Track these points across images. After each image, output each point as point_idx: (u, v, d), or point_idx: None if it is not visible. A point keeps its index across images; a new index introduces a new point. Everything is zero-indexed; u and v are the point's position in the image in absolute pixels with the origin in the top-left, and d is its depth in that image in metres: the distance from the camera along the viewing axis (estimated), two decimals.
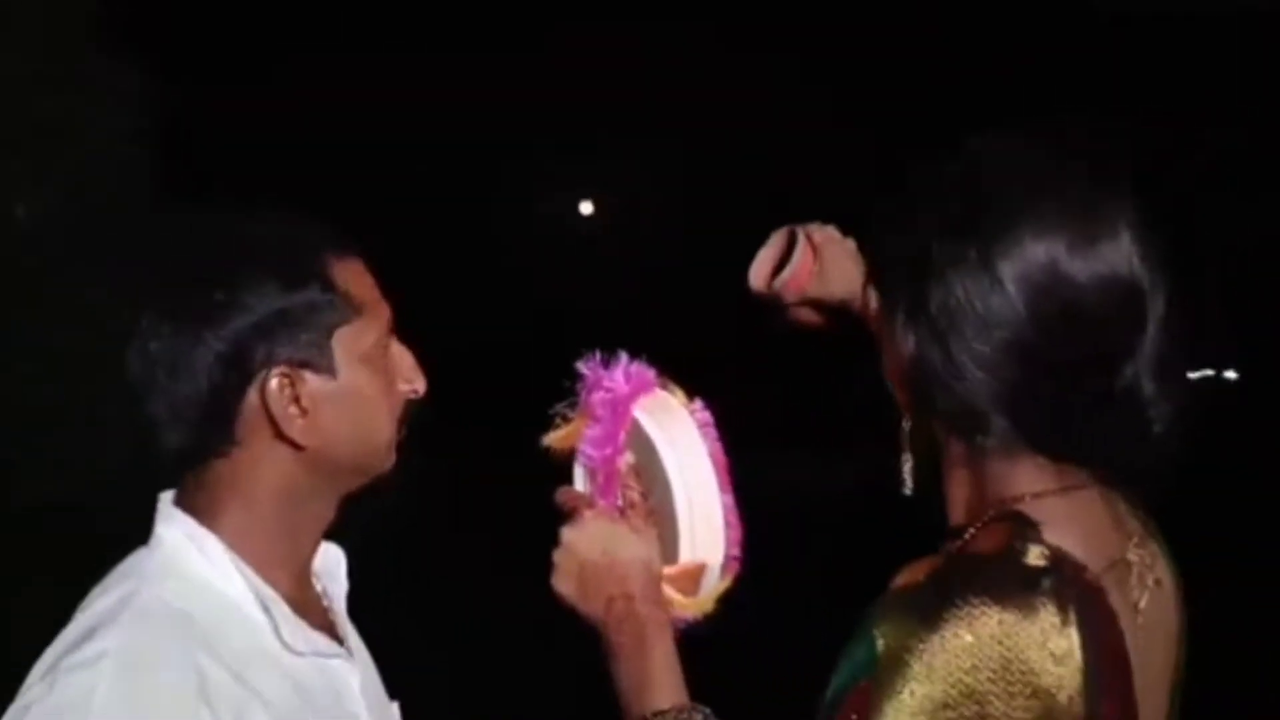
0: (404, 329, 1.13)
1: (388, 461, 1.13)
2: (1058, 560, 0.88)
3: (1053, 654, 0.84)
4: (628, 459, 1.12)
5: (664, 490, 1.12)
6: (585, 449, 1.11)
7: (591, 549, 1.07)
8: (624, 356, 1.12)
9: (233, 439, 1.04)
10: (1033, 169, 0.93)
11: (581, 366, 1.12)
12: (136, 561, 1.06)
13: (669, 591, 1.10)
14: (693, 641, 1.11)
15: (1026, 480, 0.94)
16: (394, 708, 1.22)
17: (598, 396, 1.11)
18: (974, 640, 0.83)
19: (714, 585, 1.14)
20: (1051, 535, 0.90)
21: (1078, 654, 0.84)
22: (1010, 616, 0.84)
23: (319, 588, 1.18)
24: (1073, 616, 0.85)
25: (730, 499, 1.14)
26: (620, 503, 1.11)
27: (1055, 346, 0.89)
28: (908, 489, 1.01)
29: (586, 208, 15.40)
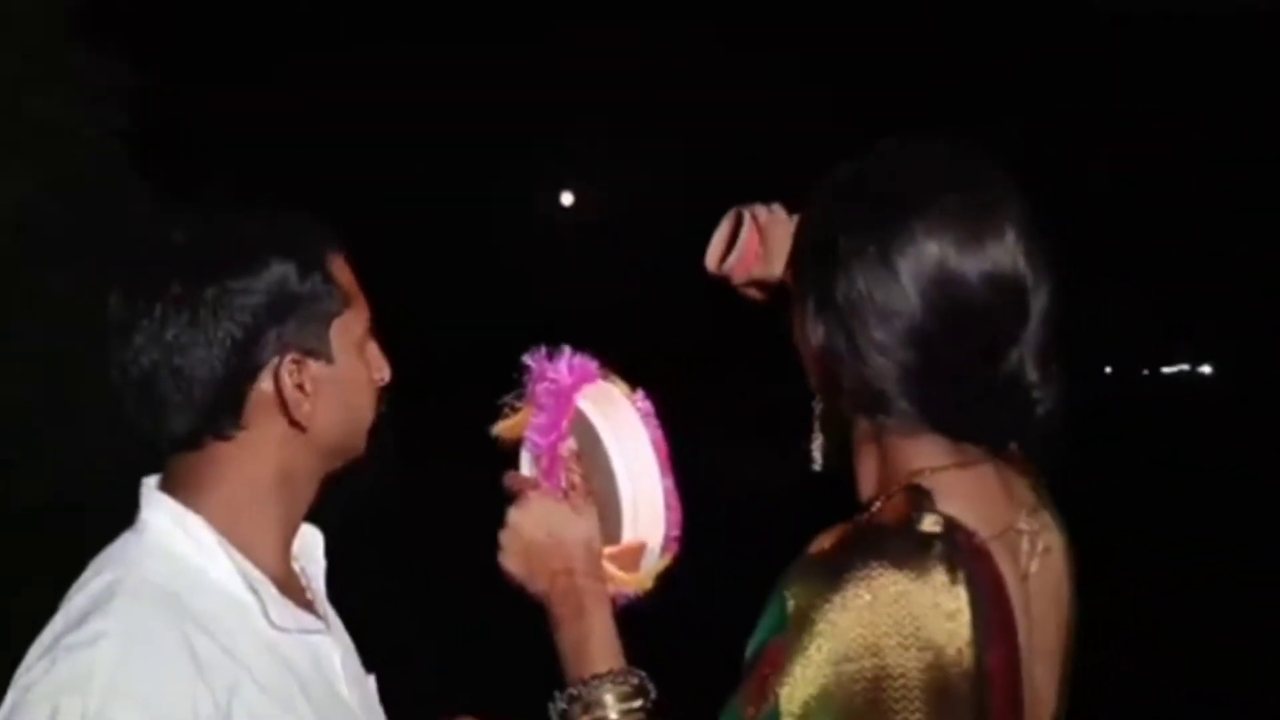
0: (398, 325, 1.20)
1: (363, 444, 1.19)
2: (950, 527, 0.97)
3: (943, 611, 0.93)
4: (570, 445, 1.19)
5: (607, 474, 1.19)
6: (530, 436, 1.19)
7: (536, 528, 1.15)
8: (567, 350, 1.20)
9: (239, 422, 1.08)
10: (930, 171, 1.03)
11: (528, 359, 1.20)
12: (124, 545, 1.09)
13: (610, 568, 1.18)
14: (635, 616, 1.18)
15: (926, 456, 1.03)
16: (370, 680, 1.26)
17: (542, 387, 1.19)
18: (872, 599, 0.92)
19: (654, 564, 1.22)
20: (946, 505, 0.99)
21: (966, 611, 0.93)
22: (905, 578, 0.93)
23: (297, 568, 1.21)
24: (961, 577, 0.94)
25: (670, 483, 1.21)
26: (563, 485, 1.18)
27: (946, 335, 0.99)
28: (817, 466, 1.12)
29: (567, 198, 15.38)
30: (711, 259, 1.30)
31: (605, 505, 1.20)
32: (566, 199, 15.76)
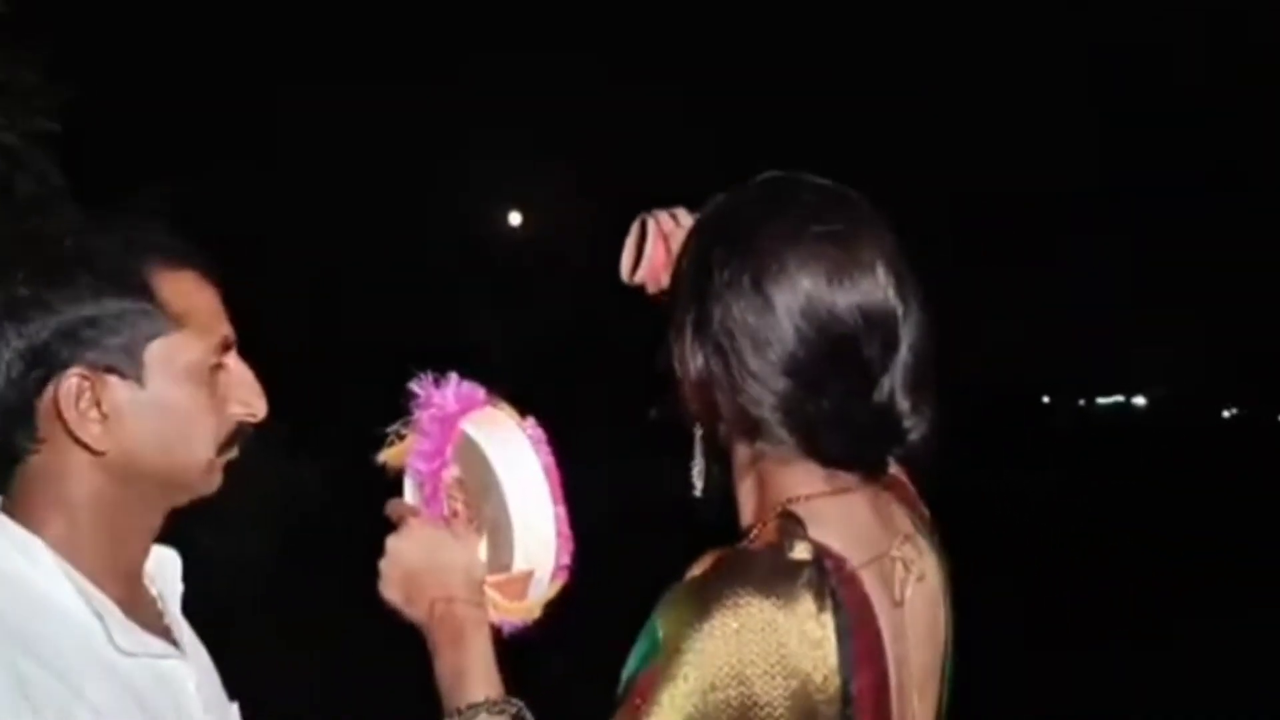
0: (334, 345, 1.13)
1: (207, 479, 1.11)
2: (820, 555, 0.98)
3: (809, 639, 0.94)
4: (453, 471, 1.18)
5: (496, 500, 1.18)
6: (413, 462, 1.17)
7: (415, 555, 1.14)
8: (454, 377, 1.19)
9: (36, 437, 1.04)
10: (802, 205, 1.05)
11: (414, 385, 1.18)
12: None
13: (495, 596, 1.16)
14: (518, 641, 1.18)
15: (801, 483, 1.05)
16: (234, 708, 1.22)
17: (427, 413, 1.17)
18: (739, 627, 0.93)
19: (542, 592, 1.20)
20: (817, 532, 1.00)
21: (832, 639, 0.95)
22: (771, 605, 0.94)
23: (153, 591, 1.17)
24: (829, 604, 0.95)
25: (561, 510, 1.21)
26: (445, 512, 1.16)
27: (819, 364, 1.01)
28: (697, 490, 1.12)
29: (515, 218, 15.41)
30: (624, 269, 1.29)
31: (493, 532, 1.19)
32: (515, 219, 15.75)
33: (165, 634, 1.14)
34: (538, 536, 1.18)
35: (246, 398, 1.12)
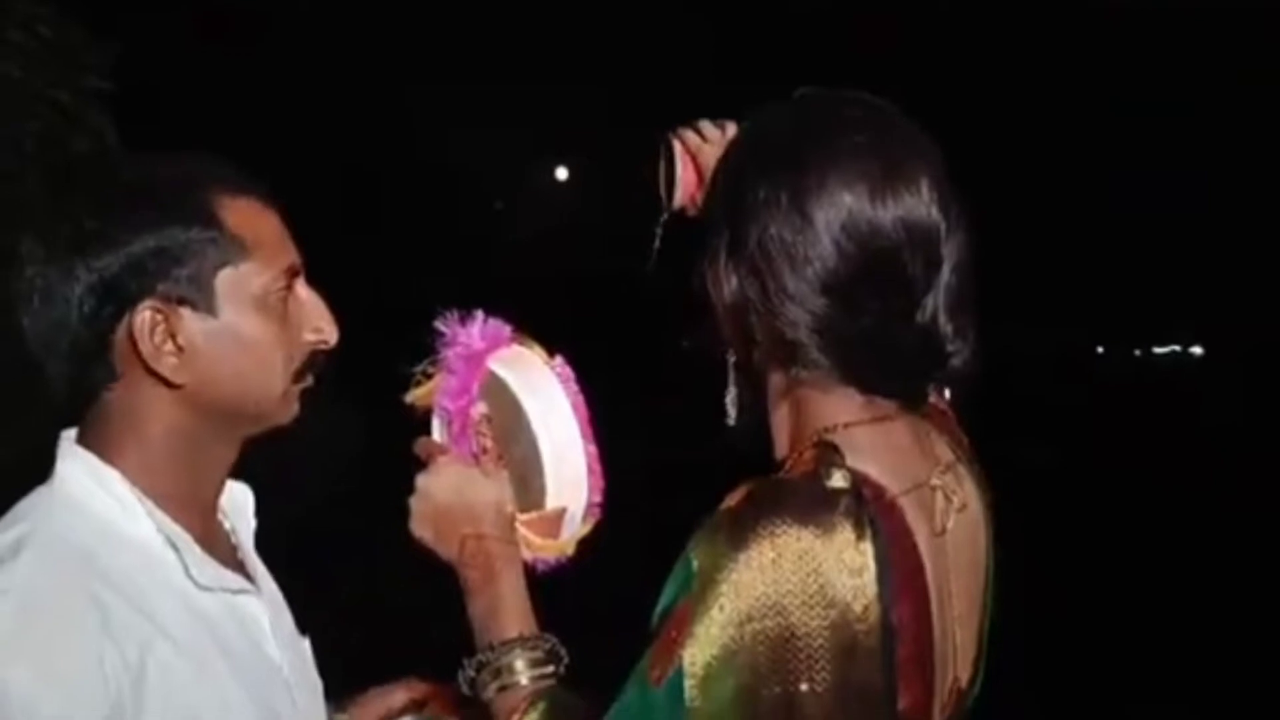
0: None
1: (283, 409, 1.11)
2: (858, 483, 0.96)
3: (848, 567, 0.92)
4: (480, 409, 1.18)
5: (526, 438, 1.18)
6: (441, 400, 1.17)
7: (445, 492, 1.14)
8: (480, 314, 1.18)
9: (112, 373, 1.04)
10: (844, 119, 1.02)
11: (440, 324, 1.17)
12: (36, 499, 1.05)
13: (527, 534, 1.17)
14: (552, 581, 1.18)
15: (839, 411, 1.02)
16: (304, 643, 1.23)
17: (453, 351, 1.17)
18: (776, 557, 0.91)
19: (575, 530, 1.21)
20: (855, 461, 0.98)
21: (872, 567, 0.92)
22: (809, 534, 0.92)
23: (226, 526, 1.18)
24: (868, 533, 0.93)
25: (593, 448, 1.21)
26: (474, 450, 1.17)
27: (860, 283, 0.98)
28: (731, 420, 1.09)
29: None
30: (662, 196, 1.27)
31: (524, 470, 1.19)
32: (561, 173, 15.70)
33: (239, 568, 1.14)
34: (569, 474, 1.19)
35: (318, 324, 1.11)
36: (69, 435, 1.08)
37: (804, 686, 0.91)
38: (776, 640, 0.91)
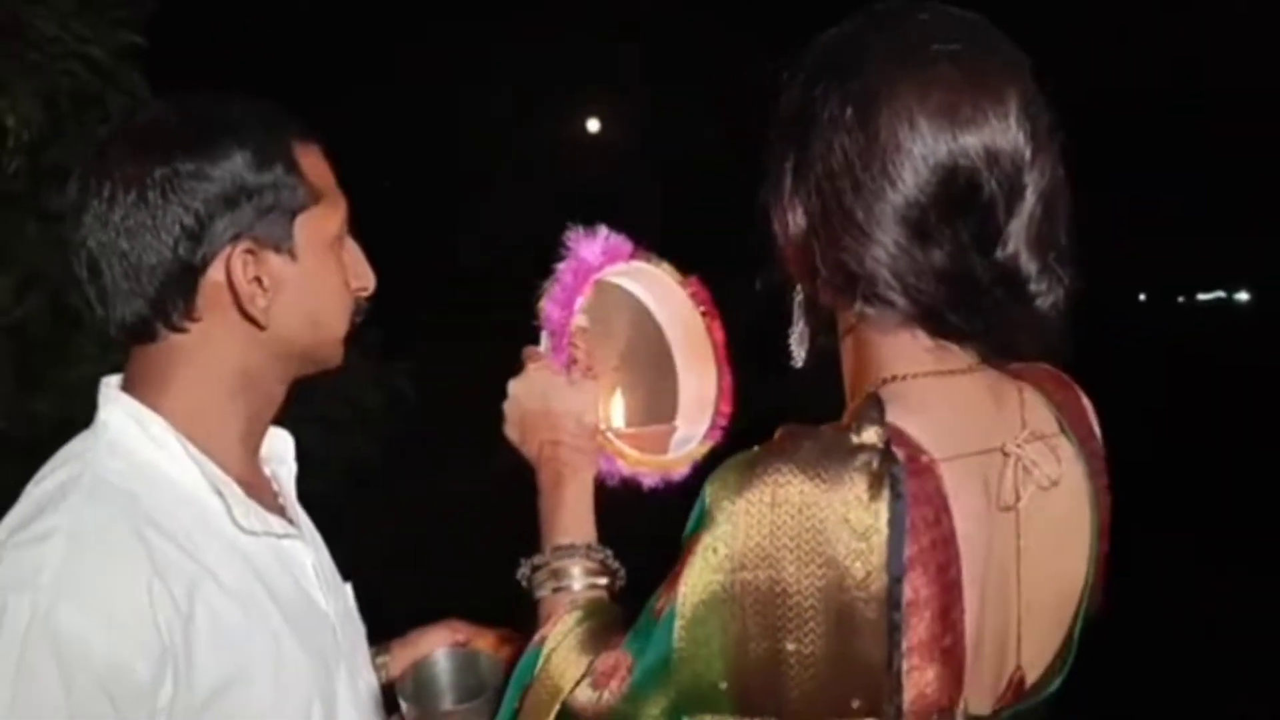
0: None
1: (337, 353, 1.14)
2: (892, 440, 0.86)
3: (853, 528, 0.83)
4: (579, 321, 1.19)
5: (650, 349, 1.23)
6: (546, 309, 1.19)
7: (529, 398, 1.17)
8: (603, 229, 1.19)
9: (192, 313, 1.04)
10: (924, 30, 0.92)
11: (567, 237, 1.19)
12: (80, 445, 1.05)
13: (622, 446, 1.18)
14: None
15: (903, 358, 0.94)
16: (347, 589, 1.24)
17: (568, 264, 1.18)
18: (773, 502, 0.84)
19: (689, 450, 1.22)
20: (900, 416, 0.89)
21: (883, 530, 0.83)
22: (814, 486, 0.83)
23: (268, 471, 1.19)
24: (885, 494, 0.83)
25: (727, 371, 1.22)
26: (565, 359, 1.18)
27: (933, 209, 0.89)
28: (798, 361, 1.02)
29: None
30: None
31: (642, 381, 1.23)
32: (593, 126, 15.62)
33: (281, 514, 1.15)
34: (693, 392, 1.21)
35: (361, 272, 1.13)
36: (110, 381, 1.08)
37: (791, 646, 0.83)
38: (766, 594, 0.84)
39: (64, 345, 3.50)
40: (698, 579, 0.86)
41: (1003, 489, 0.93)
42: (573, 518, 1.10)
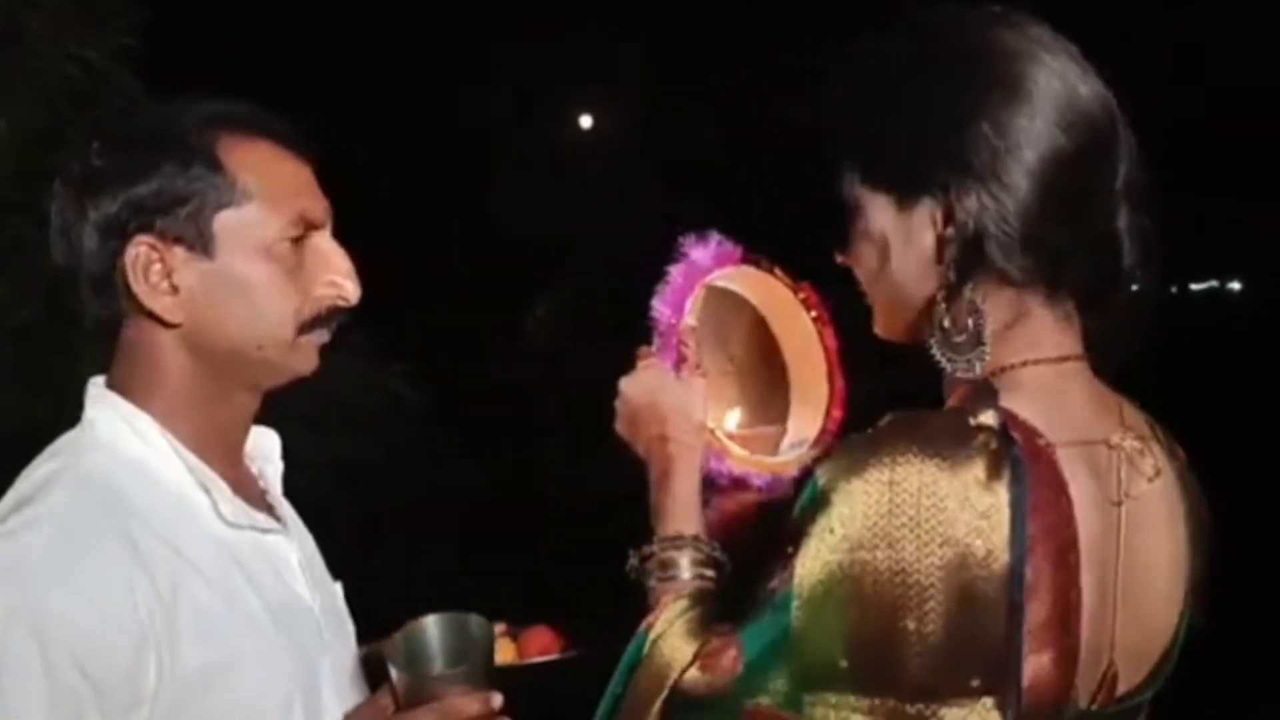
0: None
1: (296, 360, 1.10)
2: (1008, 422, 0.88)
3: (975, 507, 0.84)
4: (689, 321, 1.23)
5: (758, 350, 1.28)
6: (657, 310, 1.23)
7: (640, 395, 1.19)
8: (714, 235, 1.24)
9: (119, 309, 1.06)
10: (1012, 16, 0.96)
11: (681, 240, 1.23)
12: (65, 442, 1.07)
13: (729, 445, 1.23)
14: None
15: (1013, 349, 0.95)
16: (337, 588, 1.24)
17: (680, 266, 1.23)
18: (892, 482, 0.85)
19: (800, 453, 1.26)
20: (1014, 400, 0.91)
21: (1005, 510, 0.84)
22: (933, 466, 0.85)
23: (254, 470, 1.19)
24: (1005, 475, 0.85)
25: (836, 376, 1.26)
26: (675, 358, 1.22)
27: (1069, 170, 0.91)
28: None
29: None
30: None
31: (751, 383, 1.29)
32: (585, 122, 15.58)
33: (268, 511, 1.16)
34: (802, 397, 1.26)
35: (333, 277, 1.09)
36: (97, 381, 1.10)
37: (911, 625, 0.84)
38: (886, 574, 0.85)
39: (64, 346, 3.50)
40: (814, 560, 0.87)
41: (1109, 482, 0.94)
42: (681, 509, 1.12)
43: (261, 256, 1.05)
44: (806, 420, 1.27)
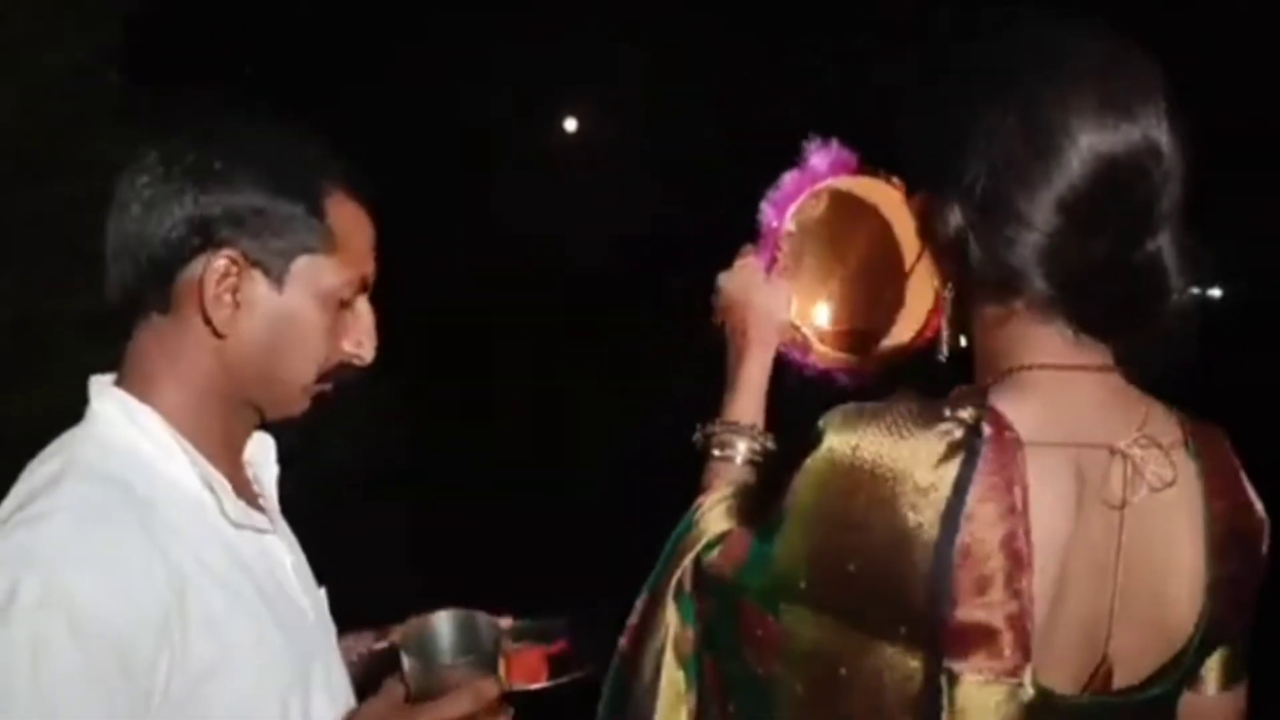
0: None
1: (296, 402, 1.14)
2: (984, 417, 0.92)
3: (917, 484, 0.91)
4: (789, 227, 1.30)
5: (878, 255, 1.33)
6: (763, 209, 1.30)
7: (733, 290, 1.32)
8: (834, 142, 1.28)
9: (165, 302, 1.07)
10: (1066, 36, 0.97)
11: (805, 144, 1.28)
12: (70, 437, 1.07)
13: (812, 339, 1.33)
14: None
15: (1034, 352, 0.98)
16: (321, 593, 1.25)
17: (793, 171, 1.28)
18: (855, 449, 0.94)
19: (885, 352, 1.33)
20: (1006, 400, 0.95)
21: (944, 491, 0.91)
22: (891, 442, 0.93)
23: (250, 474, 1.21)
24: (958, 460, 0.91)
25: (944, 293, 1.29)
26: (768, 259, 1.31)
27: (1099, 199, 0.93)
28: (942, 355, 1.07)
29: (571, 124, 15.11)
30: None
31: (860, 286, 1.35)
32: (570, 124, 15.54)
33: (263, 513, 1.17)
34: (914, 301, 1.30)
35: (361, 339, 1.15)
36: (102, 379, 1.10)
37: (852, 568, 0.93)
38: (840, 524, 0.94)
39: (60, 346, 3.47)
40: (796, 494, 0.98)
41: (1108, 485, 0.96)
42: (746, 398, 1.26)
43: (319, 304, 1.10)
44: (907, 325, 1.33)
